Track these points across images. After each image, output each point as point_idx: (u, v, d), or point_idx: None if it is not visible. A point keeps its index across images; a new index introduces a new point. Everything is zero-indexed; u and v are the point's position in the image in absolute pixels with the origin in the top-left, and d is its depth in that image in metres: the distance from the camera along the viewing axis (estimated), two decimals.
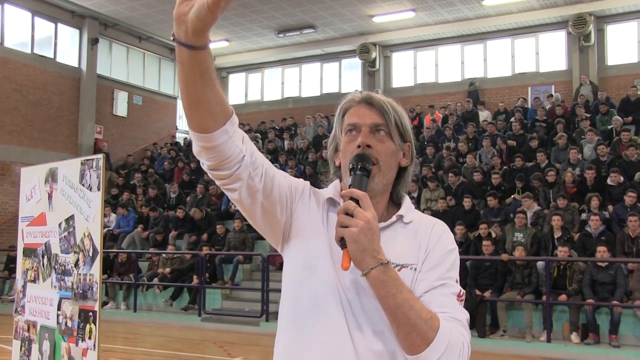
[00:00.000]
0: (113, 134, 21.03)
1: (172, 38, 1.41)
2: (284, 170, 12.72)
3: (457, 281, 1.66)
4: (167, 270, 13.40)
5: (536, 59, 19.38)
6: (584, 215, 11.36)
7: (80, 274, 3.39)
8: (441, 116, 18.15)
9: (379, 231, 1.53)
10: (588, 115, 15.18)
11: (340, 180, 1.79)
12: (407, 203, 1.78)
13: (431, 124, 17.71)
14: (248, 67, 24.14)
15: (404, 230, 1.71)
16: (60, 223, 3.59)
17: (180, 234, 14.63)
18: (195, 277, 12.95)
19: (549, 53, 19.15)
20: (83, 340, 3.32)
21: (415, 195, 13.26)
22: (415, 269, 1.63)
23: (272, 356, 1.76)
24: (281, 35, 20.81)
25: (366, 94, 1.77)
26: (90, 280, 3.31)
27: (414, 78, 21.25)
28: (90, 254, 3.32)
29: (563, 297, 9.79)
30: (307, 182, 1.81)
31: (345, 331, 1.59)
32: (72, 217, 3.49)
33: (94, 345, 3.24)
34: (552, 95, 17.63)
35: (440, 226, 1.75)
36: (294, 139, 19.01)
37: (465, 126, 16.79)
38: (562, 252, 9.93)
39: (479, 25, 19.33)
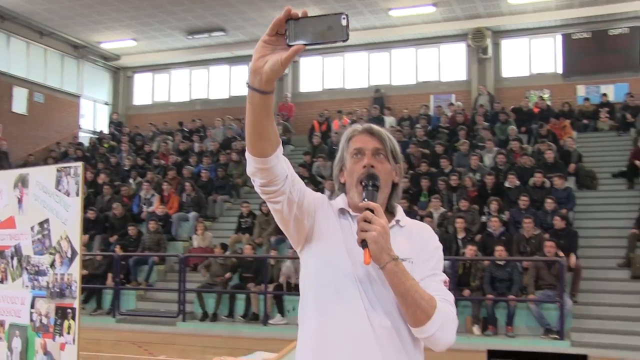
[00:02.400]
0: (12, 132, 20.27)
1: (247, 85, 1.82)
2: (199, 170, 13.04)
3: (442, 271, 2.16)
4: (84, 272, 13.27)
5: (438, 68, 20.45)
6: (484, 218, 12.25)
7: (57, 274, 3.63)
8: (349, 121, 18.77)
9: (389, 234, 1.97)
10: (487, 124, 16.24)
11: (346, 194, 2.25)
12: (400, 211, 2.25)
13: (339, 129, 18.32)
14: (155, 68, 23.99)
15: (400, 232, 2.16)
16: (33, 226, 3.80)
17: (92, 236, 14.48)
18: (109, 277, 12.93)
19: (450, 63, 20.26)
20: (61, 335, 3.56)
21: (327, 196, 13.73)
22: (412, 262, 2.07)
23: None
24: (190, 37, 20.87)
25: (367, 126, 2.24)
26: (68, 279, 3.56)
27: (322, 83, 21.88)
28: (69, 255, 3.56)
29: (467, 293, 10.59)
30: (325, 196, 2.26)
31: (363, 311, 2.03)
32: (46, 221, 3.71)
33: (74, 340, 3.49)
34: (453, 104, 18.66)
35: (428, 229, 2.26)
36: (203, 141, 19.14)
37: None
38: (470, 250, 10.72)
39: (385, 34, 20.16)
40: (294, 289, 11.41)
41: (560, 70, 19.32)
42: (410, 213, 12.19)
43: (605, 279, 11.27)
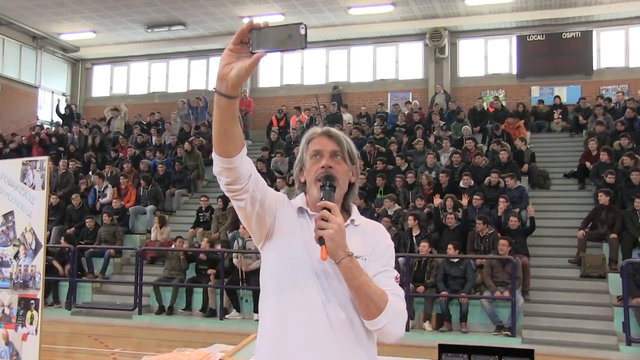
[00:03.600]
0: None
1: (214, 91, 1.99)
2: (155, 163, 13.02)
3: (394, 267, 2.33)
4: None
5: (396, 67, 20.73)
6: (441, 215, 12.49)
7: (20, 265, 3.70)
8: (307, 117, 18.92)
9: (345, 232, 2.12)
10: (443, 122, 16.56)
11: (305, 193, 2.39)
12: (355, 210, 2.42)
13: (297, 125, 18.45)
14: (114, 60, 23.78)
15: (355, 231, 2.32)
16: None
17: (50, 221, 14.35)
18: (67, 269, 12.86)
19: (408, 62, 20.55)
20: (23, 325, 3.63)
21: (283, 192, 13.85)
22: (365, 259, 2.23)
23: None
24: (150, 30, 20.73)
25: (326, 129, 2.40)
26: (32, 271, 3.63)
27: (280, 79, 21.98)
28: (33, 247, 3.63)
29: (420, 289, 10.82)
30: (285, 195, 2.42)
31: (320, 303, 2.19)
32: (11, 213, 3.77)
33: (36, 331, 3.57)
34: (410, 102, 18.94)
35: (381, 228, 2.44)
36: (162, 135, 19.06)
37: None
38: (423, 247, 10.95)
39: (344, 32, 20.34)
40: (248, 282, 11.54)
41: (515, 71, 19.76)
42: (366, 210, 12.44)
43: (556, 278, 11.60)
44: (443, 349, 3.89)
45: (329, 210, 2.10)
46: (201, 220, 14.00)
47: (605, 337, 9.95)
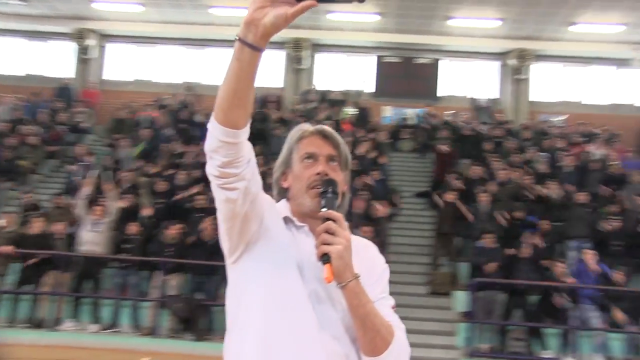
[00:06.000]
0: None
1: (237, 39, 1.56)
2: None
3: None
4: None
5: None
6: None
7: None
8: (160, 115, 17.87)
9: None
10: None
11: (287, 200, 1.97)
12: (346, 225, 1.96)
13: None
14: None
15: None
16: None
17: None
18: None
19: (268, 69, 19.99)
20: None
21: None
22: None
23: None
24: None
25: (320, 127, 2.00)
26: None
27: (132, 73, 20.77)
28: None
29: None
30: (272, 199, 1.98)
31: (316, 333, 1.76)
32: None
33: None
34: None
35: (374, 247, 2.05)
36: None
37: None
38: None
39: (203, 31, 19.62)
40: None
41: (372, 89, 20.09)
42: None
43: (406, 294, 11.70)
44: None
45: (334, 221, 1.72)
46: None
47: (450, 352, 10.28)
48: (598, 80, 20.01)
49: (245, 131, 1.66)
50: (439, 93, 20.15)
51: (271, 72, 20.07)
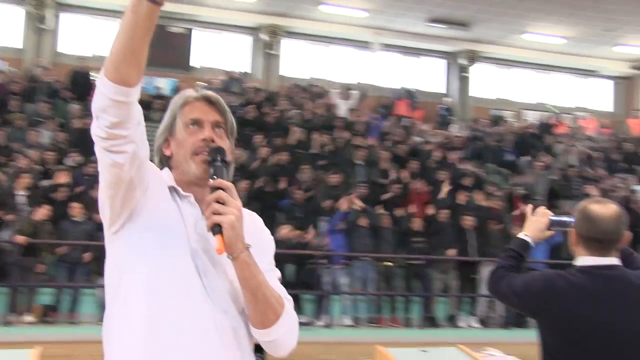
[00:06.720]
0: None
1: None
2: None
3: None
4: None
5: None
6: None
7: None
8: None
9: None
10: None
11: (171, 170, 1.89)
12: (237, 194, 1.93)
13: None
14: None
15: None
16: None
17: None
18: None
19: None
20: None
21: None
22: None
23: None
24: None
25: (204, 92, 1.93)
26: None
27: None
28: None
29: None
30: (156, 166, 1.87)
31: (206, 307, 1.71)
32: None
33: None
34: (2, 71, 16.68)
35: (258, 217, 2.00)
36: None
37: None
38: None
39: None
40: None
41: None
42: None
43: None
44: None
45: (225, 190, 1.67)
46: None
47: None
48: (340, 60, 21.27)
49: (137, 90, 1.57)
50: (192, 63, 19.96)
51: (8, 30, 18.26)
